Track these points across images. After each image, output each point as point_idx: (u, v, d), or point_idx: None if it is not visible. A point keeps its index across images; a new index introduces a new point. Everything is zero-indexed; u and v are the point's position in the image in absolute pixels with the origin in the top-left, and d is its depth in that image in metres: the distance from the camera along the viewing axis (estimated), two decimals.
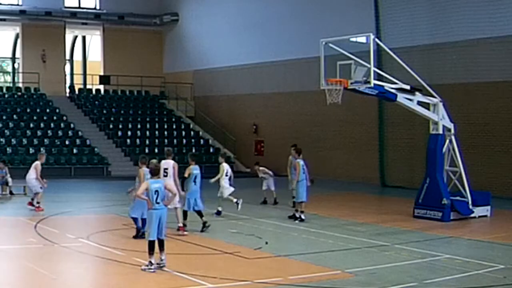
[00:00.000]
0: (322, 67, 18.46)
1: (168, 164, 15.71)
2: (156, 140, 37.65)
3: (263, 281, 11.34)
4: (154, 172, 12.44)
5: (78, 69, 45.80)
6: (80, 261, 13.35)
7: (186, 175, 16.37)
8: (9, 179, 23.71)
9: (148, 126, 38.76)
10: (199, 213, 16.48)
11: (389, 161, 29.41)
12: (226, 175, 19.28)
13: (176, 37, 43.34)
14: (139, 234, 14.88)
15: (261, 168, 22.71)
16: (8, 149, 32.98)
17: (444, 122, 19.42)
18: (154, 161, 13.86)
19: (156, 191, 11.97)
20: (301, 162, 18.97)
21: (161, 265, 12.04)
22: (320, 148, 32.63)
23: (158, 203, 11.98)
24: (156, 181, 12.20)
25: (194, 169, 16.44)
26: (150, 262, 11.87)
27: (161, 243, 12.02)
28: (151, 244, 11.88)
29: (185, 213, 16.25)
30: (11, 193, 23.60)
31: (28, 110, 37.13)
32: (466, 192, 19.40)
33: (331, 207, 22.14)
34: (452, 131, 19.55)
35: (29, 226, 16.71)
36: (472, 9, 25.01)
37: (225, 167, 19.35)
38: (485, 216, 19.65)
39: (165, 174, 15.36)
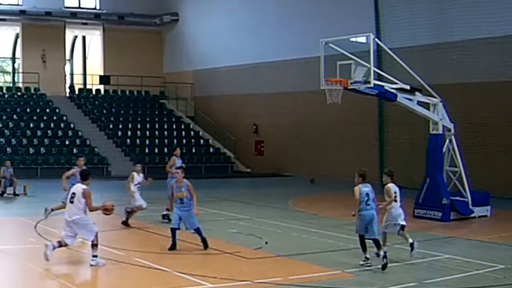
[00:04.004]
0: (322, 67, 18.46)
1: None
2: (156, 140, 37.65)
3: (263, 281, 11.34)
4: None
5: (78, 69, 45.82)
6: (80, 261, 13.35)
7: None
8: (15, 179, 23.87)
9: (148, 126, 38.75)
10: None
11: (389, 161, 29.38)
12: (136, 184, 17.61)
13: (176, 37, 43.33)
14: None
15: None
16: (8, 149, 32.99)
17: (444, 122, 19.42)
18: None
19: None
20: None
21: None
22: (320, 148, 32.64)
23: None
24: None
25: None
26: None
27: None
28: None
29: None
30: (14, 193, 23.66)
31: (28, 110, 37.12)
32: (466, 192, 19.40)
33: (331, 207, 22.11)
34: (452, 131, 19.56)
35: (29, 226, 16.71)
36: (472, 9, 25.00)
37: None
38: (485, 216, 19.65)
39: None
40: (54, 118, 37.23)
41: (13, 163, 30.11)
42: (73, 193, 12.46)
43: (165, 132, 38.78)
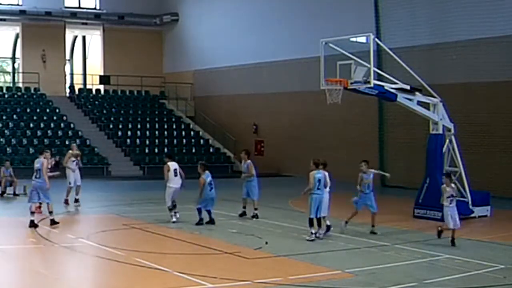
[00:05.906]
0: (322, 67, 18.46)
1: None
2: (156, 140, 37.64)
3: (263, 281, 11.34)
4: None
5: (78, 69, 45.82)
6: (80, 261, 13.36)
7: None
8: (15, 179, 23.89)
9: (148, 126, 38.74)
10: None
11: (389, 161, 29.39)
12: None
13: (176, 37, 43.34)
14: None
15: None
16: (8, 149, 32.98)
17: (444, 122, 19.42)
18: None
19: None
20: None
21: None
22: (320, 148, 32.59)
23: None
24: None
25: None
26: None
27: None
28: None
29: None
30: (14, 193, 23.67)
31: (28, 110, 37.12)
32: (466, 192, 19.40)
33: (330, 207, 22.06)
34: (452, 131, 19.56)
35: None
36: (472, 9, 24.98)
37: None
38: (485, 216, 19.66)
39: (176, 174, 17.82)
40: (54, 118, 37.23)
41: (13, 163, 30.17)
42: (175, 169, 17.44)
43: (165, 132, 38.77)
